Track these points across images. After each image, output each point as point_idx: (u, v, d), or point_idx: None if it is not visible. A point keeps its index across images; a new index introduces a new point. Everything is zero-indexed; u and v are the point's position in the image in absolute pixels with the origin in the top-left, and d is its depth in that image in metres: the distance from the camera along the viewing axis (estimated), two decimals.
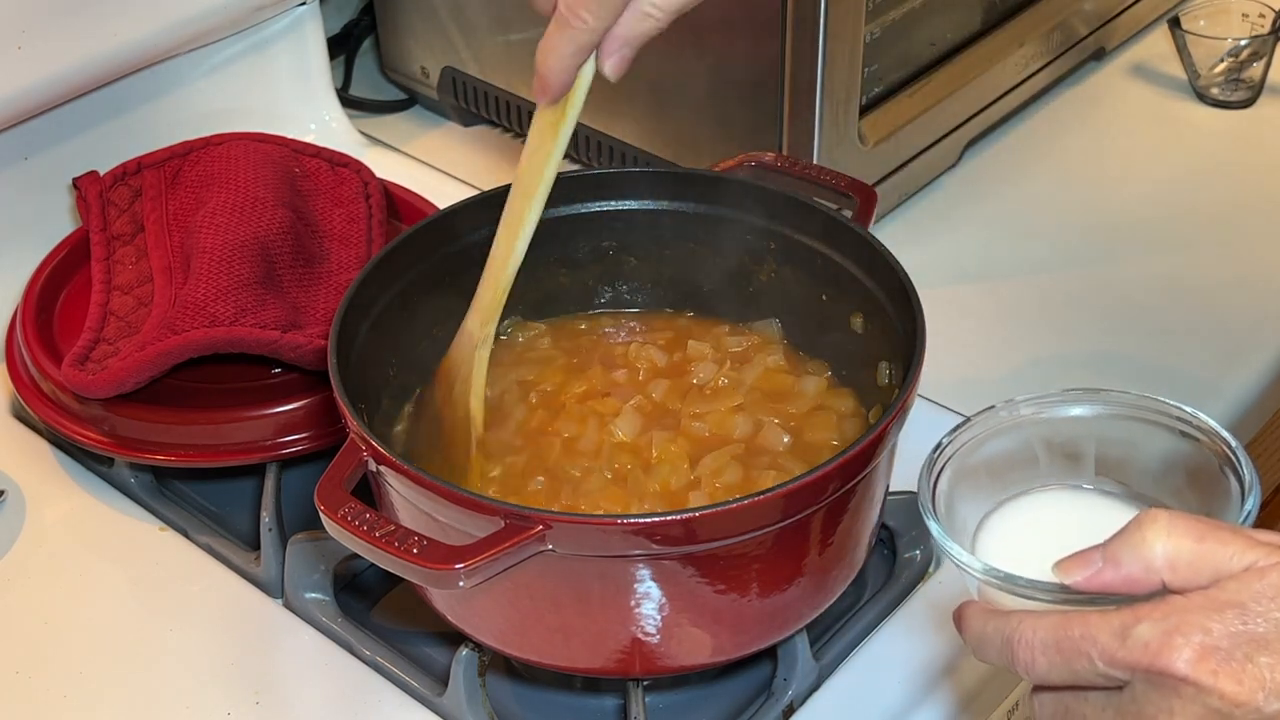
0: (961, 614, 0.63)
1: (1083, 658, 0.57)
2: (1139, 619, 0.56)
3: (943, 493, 0.67)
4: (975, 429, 0.69)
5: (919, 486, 0.67)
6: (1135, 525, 0.58)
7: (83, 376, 0.93)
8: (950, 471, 0.68)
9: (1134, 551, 0.57)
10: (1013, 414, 0.70)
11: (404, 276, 0.87)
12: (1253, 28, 1.31)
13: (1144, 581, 0.57)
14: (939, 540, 0.64)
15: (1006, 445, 0.70)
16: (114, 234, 1.05)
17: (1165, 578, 0.57)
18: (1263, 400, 1.06)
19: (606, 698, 0.87)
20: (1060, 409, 0.70)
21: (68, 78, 1.05)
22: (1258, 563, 0.55)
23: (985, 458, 0.69)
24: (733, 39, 1.08)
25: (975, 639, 0.62)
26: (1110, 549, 0.58)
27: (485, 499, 0.71)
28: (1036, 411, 0.70)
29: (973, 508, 0.69)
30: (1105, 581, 0.58)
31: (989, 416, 0.70)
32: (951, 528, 0.66)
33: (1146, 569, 0.57)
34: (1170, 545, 0.57)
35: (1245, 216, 1.21)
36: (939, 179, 1.24)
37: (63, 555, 0.94)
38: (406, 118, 1.36)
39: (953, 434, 0.69)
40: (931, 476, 0.67)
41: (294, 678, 0.87)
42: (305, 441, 0.94)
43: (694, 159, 1.14)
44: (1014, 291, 1.14)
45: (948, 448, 0.68)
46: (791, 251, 0.90)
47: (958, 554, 0.63)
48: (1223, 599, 0.55)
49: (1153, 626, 0.55)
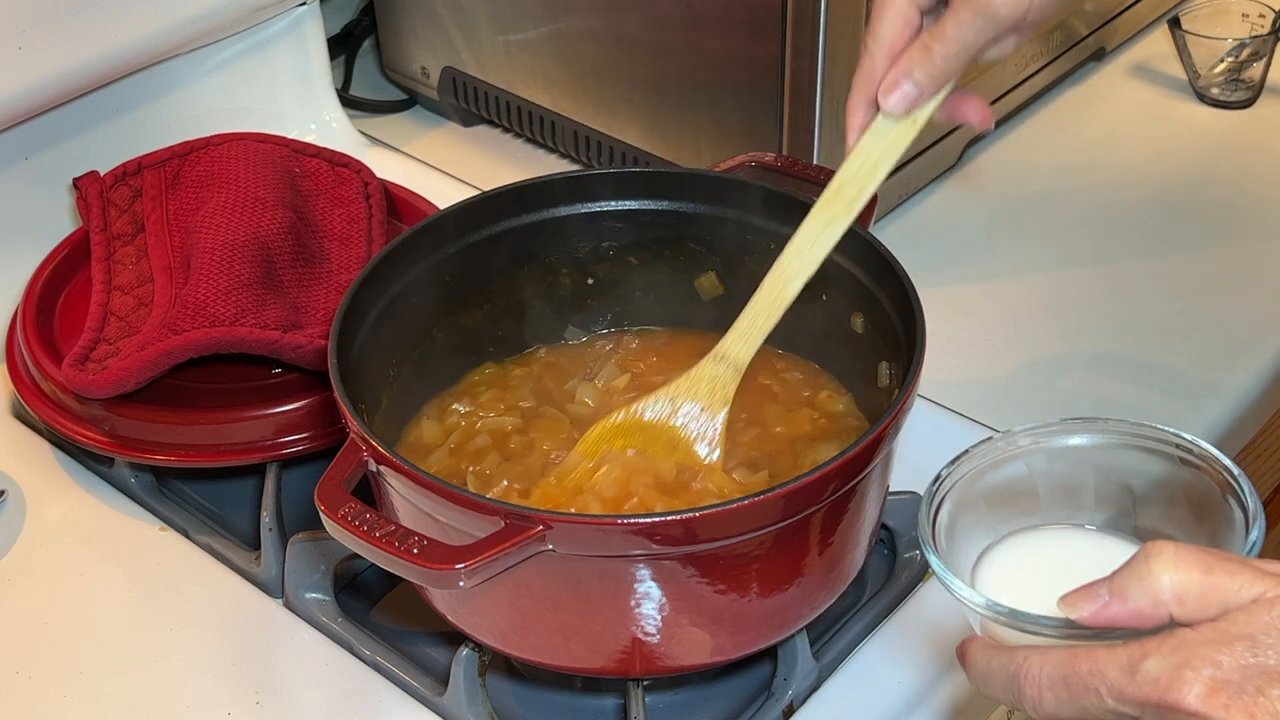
0: (965, 650, 0.63)
1: (1091, 694, 0.56)
2: (1147, 653, 0.55)
3: (943, 525, 0.66)
4: (974, 460, 0.68)
5: (919, 520, 0.66)
6: (1142, 558, 0.57)
7: (83, 376, 0.93)
8: (950, 504, 0.67)
9: (1141, 584, 0.56)
10: (1010, 444, 0.69)
11: (404, 276, 0.87)
12: (1253, 28, 1.31)
13: (1151, 615, 0.56)
14: (940, 575, 0.63)
15: (1005, 476, 0.69)
16: (114, 234, 1.05)
17: (1173, 611, 0.56)
18: (1263, 400, 1.06)
19: (606, 698, 0.87)
20: (1058, 439, 0.69)
21: (68, 78, 1.05)
22: (1266, 594, 0.55)
23: (984, 489, 0.68)
24: (733, 39, 1.08)
25: (980, 675, 0.61)
26: (1116, 582, 0.57)
27: (485, 499, 0.71)
28: (1034, 441, 0.69)
29: (973, 540, 0.68)
30: (1112, 615, 0.57)
31: (987, 447, 0.69)
32: (951, 561, 0.65)
33: (1154, 602, 0.56)
34: (1177, 578, 0.56)
35: (1245, 216, 1.21)
36: (939, 179, 1.24)
37: (63, 555, 0.94)
38: (406, 118, 1.36)
39: (951, 466, 0.68)
40: (931, 509, 0.66)
41: (294, 678, 0.87)
42: (305, 441, 0.94)
43: (694, 159, 1.14)
44: (1014, 291, 1.14)
45: (946, 480, 0.67)
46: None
47: (960, 589, 0.63)
48: (1232, 632, 0.54)
49: (1162, 661, 0.54)
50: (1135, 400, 1.04)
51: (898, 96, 0.80)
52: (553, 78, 1.22)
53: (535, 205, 0.91)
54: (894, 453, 0.79)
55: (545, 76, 1.22)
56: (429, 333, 0.90)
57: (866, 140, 0.82)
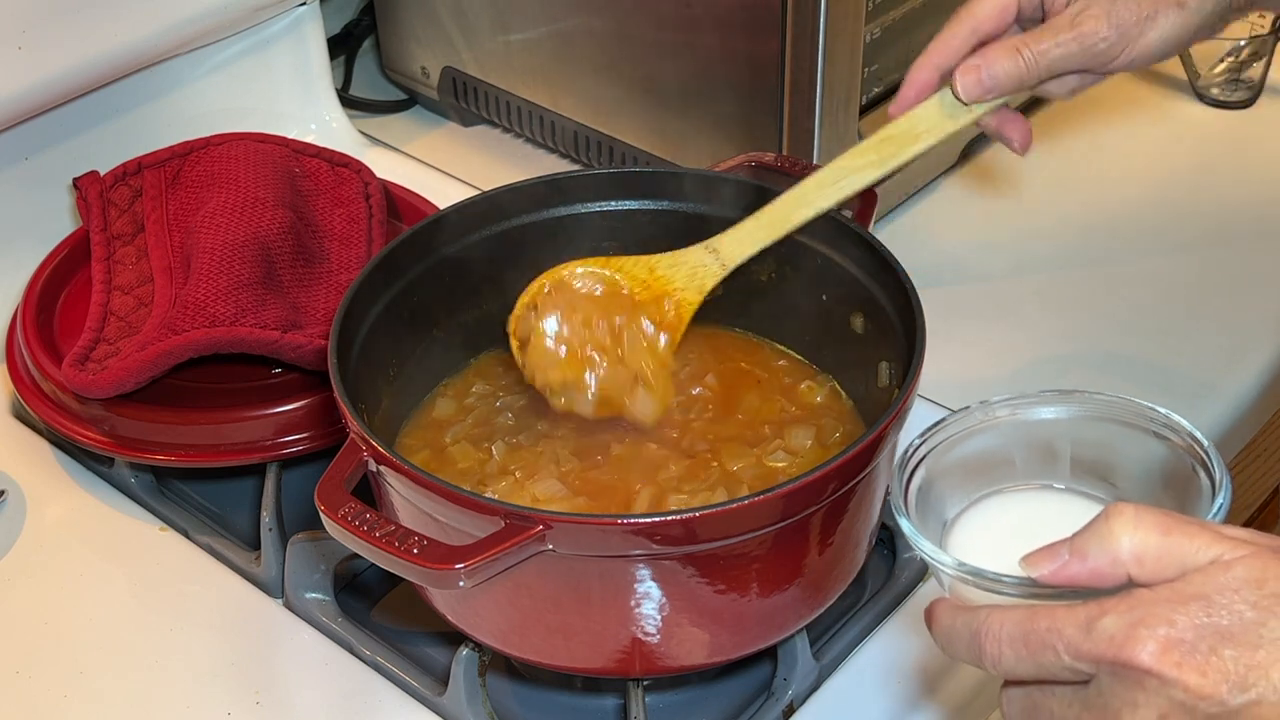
0: (931, 610, 0.63)
1: (1049, 651, 0.57)
2: (1104, 612, 0.56)
3: (916, 490, 0.67)
4: (950, 429, 0.69)
5: (892, 484, 0.67)
6: (1102, 519, 0.58)
7: (83, 376, 0.93)
8: (924, 470, 0.68)
9: (1100, 545, 0.57)
10: (988, 414, 0.70)
11: (404, 276, 0.87)
12: (1252, 28, 1.31)
13: (1110, 575, 0.57)
14: (910, 536, 0.64)
15: (982, 445, 0.70)
16: (114, 234, 1.05)
17: (1131, 571, 0.57)
18: (1262, 400, 1.06)
19: (606, 698, 0.87)
20: (1035, 410, 0.70)
21: (68, 78, 1.05)
22: (1223, 556, 0.56)
23: (960, 457, 0.69)
24: (733, 39, 1.08)
25: (944, 634, 0.62)
26: (1077, 542, 0.58)
27: (485, 499, 0.71)
28: (1011, 412, 0.70)
29: (947, 506, 0.69)
30: (1071, 575, 0.58)
31: (964, 416, 0.70)
32: (924, 526, 0.66)
33: (1113, 562, 0.57)
34: (1136, 539, 0.57)
35: (1245, 216, 1.21)
36: (939, 179, 1.24)
37: (63, 555, 0.94)
38: (406, 118, 1.36)
39: (927, 433, 0.69)
40: (904, 474, 0.67)
41: (294, 678, 0.87)
42: (305, 441, 0.94)
43: (694, 159, 1.14)
44: (1014, 291, 1.14)
45: (921, 447, 0.68)
46: (791, 252, 0.90)
47: (928, 549, 0.64)
48: (1188, 592, 0.55)
49: (1118, 619, 0.55)
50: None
51: (973, 81, 0.82)
52: (553, 78, 1.22)
53: (535, 205, 0.91)
54: (894, 453, 0.79)
55: (545, 76, 1.22)
56: (429, 333, 0.90)
57: (921, 109, 0.84)
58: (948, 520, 0.69)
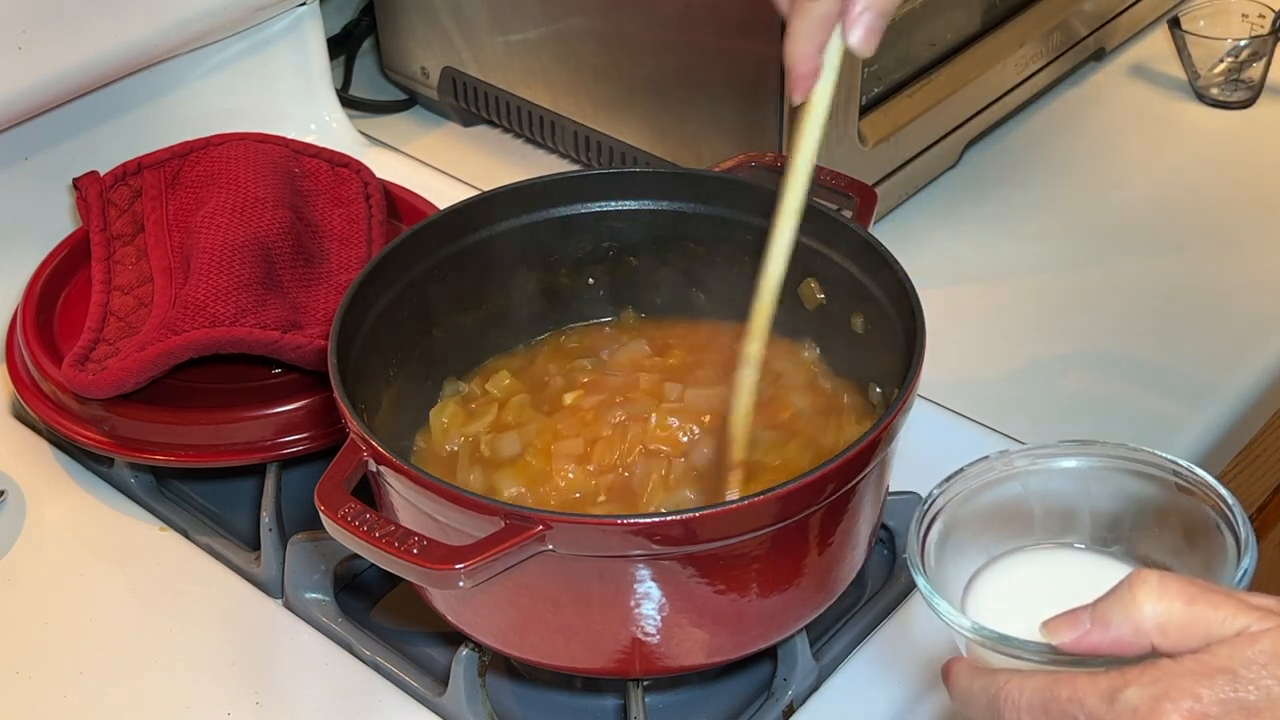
0: (948, 671, 0.62)
1: None
2: (1127, 683, 0.55)
3: (933, 545, 0.66)
4: (968, 480, 0.68)
5: (908, 539, 0.66)
6: (1125, 586, 0.57)
7: (83, 377, 0.93)
8: (941, 523, 0.67)
9: (1124, 613, 0.56)
10: (1006, 465, 0.69)
11: (404, 277, 0.87)
12: (1252, 28, 1.31)
13: (1133, 644, 0.56)
14: (927, 597, 0.63)
15: (1000, 497, 0.68)
16: (114, 234, 1.05)
17: (1155, 640, 0.56)
18: (1262, 401, 1.06)
19: (606, 698, 0.87)
20: (1054, 461, 0.69)
21: (68, 78, 1.05)
22: (1250, 628, 0.54)
23: (978, 509, 0.68)
24: (733, 39, 1.08)
25: (962, 696, 0.61)
26: (1099, 610, 0.57)
27: (485, 499, 0.71)
28: (1030, 463, 0.69)
29: (966, 558, 0.68)
30: (1094, 644, 0.57)
31: (982, 468, 0.68)
32: (941, 581, 0.65)
33: (1136, 631, 0.56)
34: (1160, 607, 0.55)
35: (1245, 216, 1.21)
36: (939, 179, 1.24)
37: (63, 555, 0.94)
38: (406, 118, 1.36)
39: (944, 484, 0.68)
40: (921, 528, 0.66)
41: (294, 678, 0.87)
42: (305, 441, 0.94)
43: (694, 159, 1.14)
44: (1014, 291, 1.14)
45: (939, 499, 0.67)
46: (791, 252, 0.89)
47: (945, 611, 0.62)
48: (1214, 664, 0.54)
49: (1142, 691, 0.54)
50: (1134, 400, 1.04)
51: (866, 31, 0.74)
52: (553, 78, 1.22)
53: (535, 205, 0.91)
54: (894, 453, 0.79)
55: (545, 76, 1.22)
56: (429, 332, 0.90)
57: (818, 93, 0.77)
58: (965, 577, 0.67)
